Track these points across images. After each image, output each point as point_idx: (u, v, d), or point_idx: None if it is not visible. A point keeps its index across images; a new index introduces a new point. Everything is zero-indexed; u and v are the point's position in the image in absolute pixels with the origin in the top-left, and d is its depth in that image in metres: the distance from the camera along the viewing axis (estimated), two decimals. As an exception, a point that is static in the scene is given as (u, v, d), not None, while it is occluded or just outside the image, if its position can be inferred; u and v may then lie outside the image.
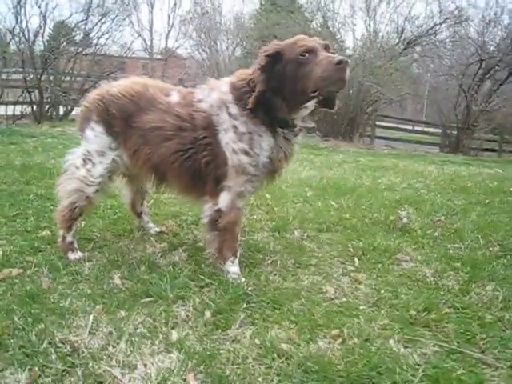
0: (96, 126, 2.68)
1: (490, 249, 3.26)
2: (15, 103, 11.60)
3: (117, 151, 2.71)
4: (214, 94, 2.49)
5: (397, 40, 14.65)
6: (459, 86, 14.39)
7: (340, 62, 2.14)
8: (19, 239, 2.94)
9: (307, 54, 2.25)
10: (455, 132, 14.86)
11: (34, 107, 11.80)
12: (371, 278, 2.68)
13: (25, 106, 11.82)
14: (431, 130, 18.63)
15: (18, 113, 11.60)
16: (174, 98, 2.62)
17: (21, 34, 11.48)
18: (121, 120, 2.63)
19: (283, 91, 2.32)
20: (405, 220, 3.70)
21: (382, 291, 2.50)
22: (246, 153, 2.40)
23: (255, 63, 2.40)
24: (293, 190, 4.78)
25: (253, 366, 1.78)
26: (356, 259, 2.93)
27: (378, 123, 17.54)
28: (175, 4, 31.08)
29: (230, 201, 2.48)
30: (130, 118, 2.61)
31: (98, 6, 12.63)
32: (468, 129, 14.50)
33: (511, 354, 1.97)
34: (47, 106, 11.62)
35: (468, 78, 14.36)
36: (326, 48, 2.32)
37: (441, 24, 14.44)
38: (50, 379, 1.64)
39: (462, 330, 2.13)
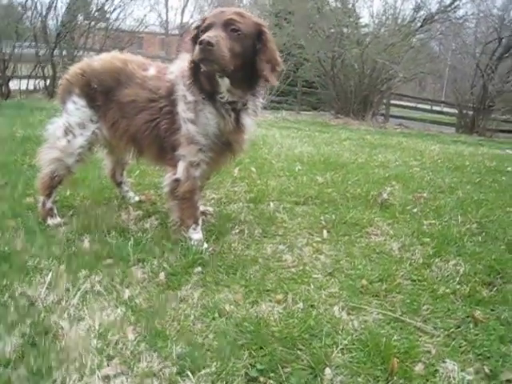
0: (78, 99, 2.80)
1: (467, 226, 3.27)
2: (28, 77, 11.83)
3: (97, 124, 2.83)
4: (181, 65, 2.57)
5: (413, 17, 14.33)
6: (476, 65, 14.09)
7: (200, 43, 2.18)
8: (4, 205, 3.08)
9: (201, 30, 2.32)
10: (471, 112, 14.59)
11: (47, 82, 11.99)
12: (334, 250, 2.74)
13: (38, 80, 12.03)
14: (449, 110, 18.34)
15: (31, 87, 11.81)
16: (150, 72, 2.73)
17: (33, 9, 11.62)
18: (101, 94, 2.75)
19: None
20: (385, 195, 3.74)
21: (342, 262, 2.58)
22: (193, 122, 2.50)
23: None
24: (282, 165, 4.84)
25: (193, 323, 1.90)
26: (325, 231, 2.99)
27: (394, 102, 17.35)
28: (191, -23, 30.88)
29: (185, 170, 2.57)
30: (110, 92, 2.73)
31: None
32: (484, 109, 14.24)
33: (453, 325, 2.03)
34: (60, 81, 11.77)
35: (486, 57, 14.05)
36: (226, 24, 2.28)
37: (460, 0, 14.06)
38: (2, 327, 1.78)
39: (409, 301, 2.20)
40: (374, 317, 2.06)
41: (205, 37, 2.18)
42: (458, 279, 2.44)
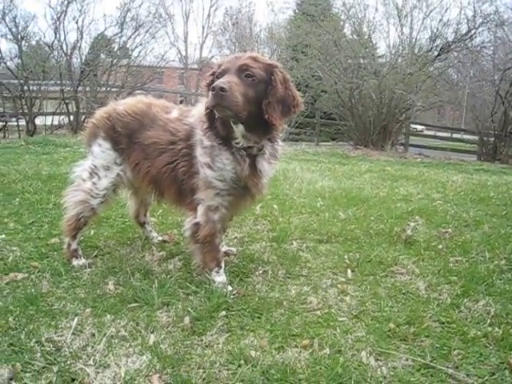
0: (103, 142, 2.87)
1: (495, 262, 3.20)
2: (53, 114, 12.25)
3: (121, 166, 2.88)
4: (201, 109, 2.60)
5: (430, 46, 14.41)
6: (496, 92, 14.01)
7: (213, 89, 2.18)
8: (30, 245, 3.14)
9: (216, 75, 2.36)
10: (492, 139, 14.44)
11: (71, 118, 12.37)
12: (359, 290, 2.70)
13: (62, 117, 12.44)
14: (469, 137, 18.22)
15: (56, 123, 12.21)
16: (173, 114, 2.78)
17: (59, 48, 12.09)
18: (125, 136, 2.81)
19: None
20: (409, 232, 3.69)
21: (367, 303, 2.53)
22: (210, 167, 2.51)
23: None
24: (303, 201, 4.83)
25: (219, 370, 1.87)
26: (349, 271, 2.95)
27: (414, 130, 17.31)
28: (209, 15, 31.92)
29: (204, 214, 2.58)
30: (133, 135, 2.79)
31: (132, 19, 13.13)
32: (506, 136, 14.08)
33: (487, 371, 1.96)
34: (83, 117, 12.13)
35: (506, 84, 13.98)
36: (240, 69, 2.30)
37: (476, 28, 14.09)
38: (30, 374, 1.80)
39: (439, 345, 2.13)
40: (403, 363, 2.00)
41: (217, 83, 2.19)
42: (488, 321, 2.37)
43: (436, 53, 14.48)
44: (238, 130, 2.42)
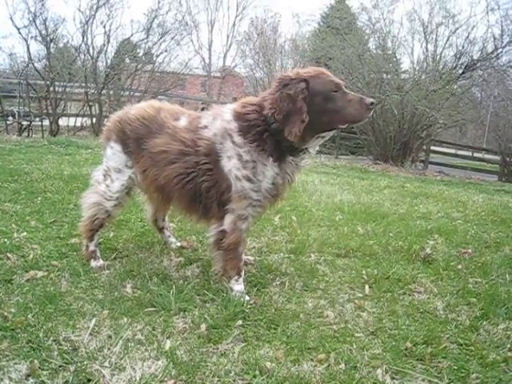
0: (115, 144, 2.91)
1: (517, 286, 3.15)
2: (76, 115, 12.47)
3: (132, 169, 2.91)
4: (217, 122, 2.61)
5: (454, 64, 14.29)
6: (520, 113, 13.85)
7: (372, 104, 2.42)
8: (51, 244, 3.18)
9: (337, 91, 2.46)
10: (515, 160, 14.25)
11: (94, 120, 12.56)
12: (377, 307, 2.67)
13: (85, 119, 12.64)
14: (491, 157, 17.99)
15: (78, 124, 12.41)
16: (182, 122, 2.76)
17: (85, 52, 12.34)
18: (134, 141, 2.83)
19: None
20: (428, 250, 3.65)
21: (384, 320, 2.50)
22: (249, 179, 2.52)
23: (272, 91, 2.51)
24: (322, 214, 4.80)
25: (233, 380, 1.86)
26: (367, 286, 2.92)
27: (434, 149, 17.16)
28: (234, 25, 32.32)
29: (232, 223, 2.59)
30: (141, 140, 2.80)
31: (159, 25, 13.33)
32: (529, 157, 13.88)
33: (506, 397, 1.93)
34: (105, 120, 12.31)
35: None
36: (346, 87, 2.52)
37: (503, 47, 13.88)
38: (47, 372, 1.81)
39: (456, 367, 2.10)
40: (419, 383, 1.98)
41: (372, 100, 2.45)
42: (508, 345, 2.32)
43: (460, 71, 14.31)
44: (323, 140, 2.64)
